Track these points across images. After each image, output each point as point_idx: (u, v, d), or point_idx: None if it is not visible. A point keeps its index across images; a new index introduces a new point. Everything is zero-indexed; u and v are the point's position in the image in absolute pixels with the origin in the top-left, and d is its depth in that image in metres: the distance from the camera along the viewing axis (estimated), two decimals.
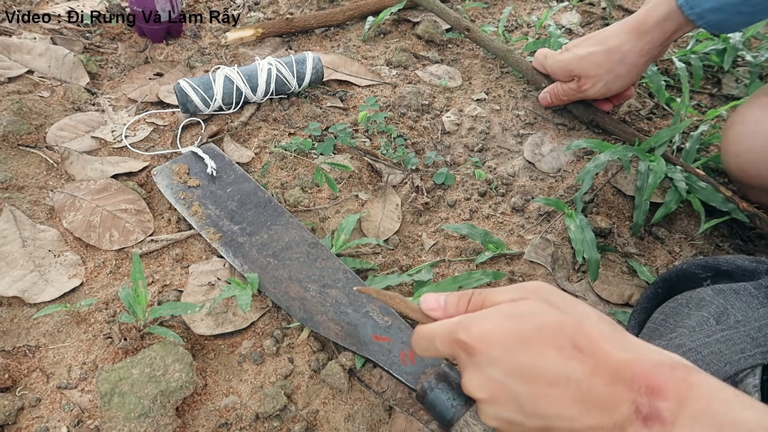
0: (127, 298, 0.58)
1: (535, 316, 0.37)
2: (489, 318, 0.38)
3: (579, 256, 0.67)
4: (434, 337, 0.41)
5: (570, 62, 0.78)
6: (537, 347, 0.35)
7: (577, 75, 0.78)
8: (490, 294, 0.40)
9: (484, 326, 0.37)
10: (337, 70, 0.95)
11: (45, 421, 0.53)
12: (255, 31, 0.98)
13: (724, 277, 0.51)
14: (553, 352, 0.35)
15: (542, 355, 0.35)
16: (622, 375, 0.33)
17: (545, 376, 0.35)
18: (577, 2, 1.20)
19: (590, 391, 0.33)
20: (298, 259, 0.65)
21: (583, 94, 0.79)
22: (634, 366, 0.33)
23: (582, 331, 0.35)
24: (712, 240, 0.74)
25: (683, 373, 0.32)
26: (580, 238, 0.68)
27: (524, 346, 0.35)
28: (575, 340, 0.35)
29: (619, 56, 0.73)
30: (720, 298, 0.46)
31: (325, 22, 1.04)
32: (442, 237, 0.72)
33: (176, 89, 0.81)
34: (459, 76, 0.99)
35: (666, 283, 0.55)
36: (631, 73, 0.75)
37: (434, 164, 0.82)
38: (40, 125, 0.81)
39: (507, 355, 0.36)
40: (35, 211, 0.70)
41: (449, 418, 0.49)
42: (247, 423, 0.54)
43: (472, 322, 0.38)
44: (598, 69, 0.75)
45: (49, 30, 0.98)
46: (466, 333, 0.38)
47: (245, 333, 0.61)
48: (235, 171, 0.75)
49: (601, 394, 0.33)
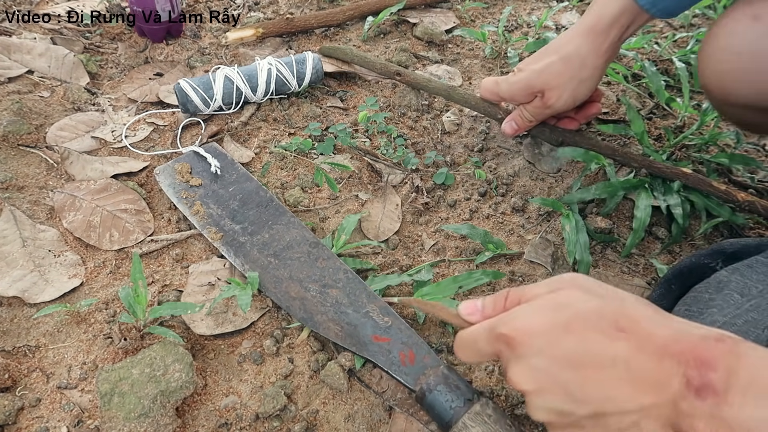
0: (127, 298, 0.58)
1: (575, 303, 0.37)
2: (529, 310, 0.38)
3: (571, 257, 0.67)
4: (476, 338, 0.41)
5: (529, 79, 0.73)
6: (580, 333, 0.35)
7: (539, 90, 0.73)
8: (527, 289, 0.41)
9: (525, 319, 0.38)
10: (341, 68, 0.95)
11: (45, 421, 0.53)
12: (255, 31, 0.98)
13: (732, 260, 0.51)
14: (597, 336, 0.35)
15: (586, 339, 0.35)
16: (668, 350, 0.33)
17: (591, 360, 0.34)
18: (577, 2, 1.20)
19: (639, 369, 0.33)
20: (298, 259, 0.65)
21: (551, 109, 0.74)
22: (680, 341, 0.33)
23: (623, 313, 0.35)
24: (712, 240, 0.74)
25: (729, 343, 0.32)
26: (573, 239, 0.68)
27: (567, 333, 0.35)
28: (618, 322, 0.35)
29: (579, 61, 0.71)
30: (736, 275, 0.47)
31: (325, 22, 1.04)
32: (442, 237, 0.73)
33: (176, 89, 0.81)
34: (459, 76, 0.99)
35: (678, 278, 0.55)
36: (594, 76, 0.72)
37: (434, 164, 0.82)
38: (40, 125, 0.81)
39: (551, 343, 0.36)
40: (35, 211, 0.70)
41: (448, 420, 0.49)
42: (247, 423, 0.54)
43: (513, 316, 0.39)
44: (560, 78, 0.71)
45: (49, 30, 0.98)
46: (507, 327, 0.38)
47: (245, 333, 0.61)
48: (237, 170, 0.75)
49: (650, 371, 0.33)
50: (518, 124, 0.78)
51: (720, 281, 0.48)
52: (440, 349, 0.61)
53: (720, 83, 0.64)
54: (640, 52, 1.05)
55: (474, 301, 0.44)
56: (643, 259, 0.71)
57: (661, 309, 0.37)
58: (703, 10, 1.17)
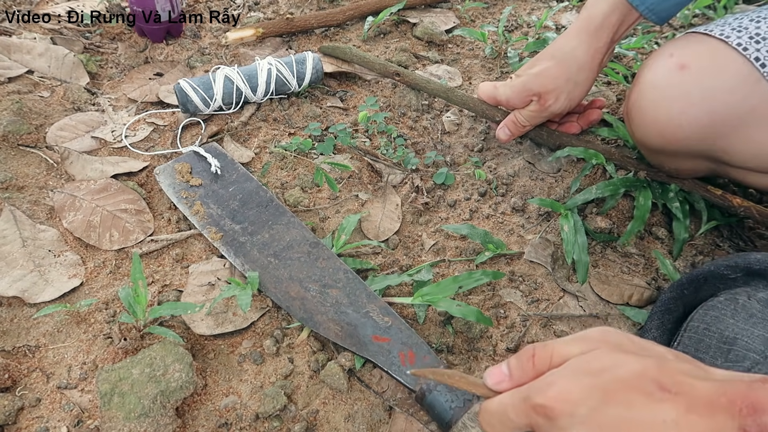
0: (127, 298, 0.58)
1: (612, 366, 0.35)
2: (564, 376, 0.36)
3: (569, 258, 0.67)
4: (506, 409, 0.38)
5: (526, 83, 0.74)
6: (623, 397, 0.33)
7: (536, 93, 0.73)
8: (555, 349, 0.38)
9: (561, 386, 0.35)
10: (341, 67, 0.95)
11: (45, 421, 0.53)
12: (255, 31, 0.98)
13: (757, 277, 0.50)
14: (642, 399, 0.33)
15: (631, 404, 0.33)
16: (718, 404, 0.32)
17: (639, 426, 0.33)
18: (577, 2, 1.20)
19: (690, 428, 0.32)
20: (299, 259, 0.65)
21: (548, 112, 0.75)
22: (728, 392, 0.32)
23: (665, 371, 0.34)
24: (712, 240, 0.74)
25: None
26: (571, 239, 0.68)
27: (610, 399, 0.34)
28: (661, 382, 0.33)
29: (575, 63, 0.71)
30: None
31: (325, 22, 1.04)
32: (442, 237, 0.73)
33: (176, 89, 0.81)
34: (459, 76, 0.99)
35: (692, 284, 0.54)
36: (588, 78, 0.73)
37: (434, 164, 0.82)
38: (40, 125, 0.81)
39: (594, 411, 0.34)
40: (35, 211, 0.70)
41: (447, 420, 0.49)
42: (247, 423, 0.54)
43: (547, 383, 0.36)
44: (556, 81, 0.72)
45: (49, 30, 0.98)
46: (543, 396, 0.35)
47: (245, 333, 0.61)
48: (237, 170, 0.75)
49: (703, 428, 0.32)
50: (512, 130, 0.78)
51: (752, 314, 0.47)
52: (440, 349, 0.61)
53: (642, 132, 0.66)
54: (640, 52, 1.05)
55: (499, 367, 0.41)
56: (643, 259, 0.71)
57: (697, 360, 0.36)
58: (703, 10, 1.17)
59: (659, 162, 0.71)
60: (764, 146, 0.58)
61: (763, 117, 0.57)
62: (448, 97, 0.85)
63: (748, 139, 0.58)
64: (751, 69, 0.57)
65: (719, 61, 0.59)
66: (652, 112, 0.63)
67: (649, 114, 0.63)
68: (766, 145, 0.58)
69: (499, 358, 0.61)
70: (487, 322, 0.59)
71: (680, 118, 0.60)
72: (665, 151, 0.66)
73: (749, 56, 0.57)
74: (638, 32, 1.12)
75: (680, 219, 0.71)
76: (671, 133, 0.61)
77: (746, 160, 0.60)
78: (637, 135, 0.68)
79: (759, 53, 0.57)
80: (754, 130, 0.58)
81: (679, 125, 0.60)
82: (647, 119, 0.64)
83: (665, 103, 0.61)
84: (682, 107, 0.60)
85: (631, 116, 0.67)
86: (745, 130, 0.58)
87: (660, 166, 0.72)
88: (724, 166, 0.65)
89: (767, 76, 0.56)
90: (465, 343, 0.62)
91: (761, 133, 0.57)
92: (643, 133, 0.66)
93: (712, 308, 0.50)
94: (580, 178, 0.76)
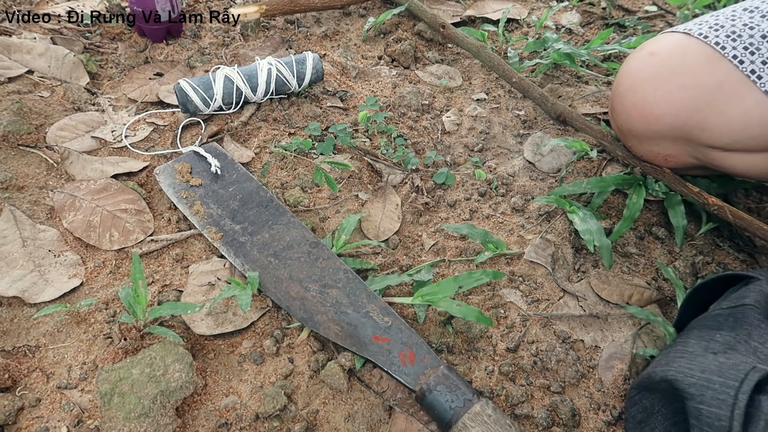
0: (127, 298, 0.58)
1: None
2: None
3: (590, 245, 0.67)
4: None
5: None
6: None
7: None
8: None
9: None
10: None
11: (45, 421, 0.53)
12: (259, 8, 0.97)
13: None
14: None
15: None
16: None
17: None
18: (577, 2, 1.20)
19: None
20: (299, 259, 0.65)
21: None
22: None
23: None
24: (712, 240, 0.74)
25: None
26: (587, 228, 0.69)
27: None
28: None
29: None
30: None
31: (329, 4, 1.03)
32: (442, 237, 0.73)
33: (176, 89, 0.81)
34: (459, 75, 0.99)
35: (711, 285, 0.57)
36: None
37: (434, 164, 0.82)
38: (40, 125, 0.81)
39: None
40: (35, 211, 0.70)
41: (448, 420, 0.49)
42: (247, 423, 0.54)
43: None
44: None
45: (49, 30, 0.98)
46: None
47: (245, 333, 0.61)
48: (237, 170, 0.75)
49: None
50: None
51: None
52: (440, 349, 0.61)
53: (622, 120, 0.70)
54: None
55: None
56: (643, 259, 0.71)
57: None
58: (703, 9, 1.17)
59: (644, 152, 0.73)
60: (737, 120, 0.61)
61: (732, 91, 0.61)
62: (479, 54, 0.93)
63: (721, 113, 0.62)
64: (712, 51, 0.62)
65: (683, 46, 0.65)
66: (631, 96, 0.68)
67: (628, 98, 0.68)
68: (738, 118, 0.61)
69: (499, 358, 0.61)
70: (487, 322, 0.59)
71: (655, 95, 0.65)
72: (648, 135, 0.69)
73: (709, 42, 0.63)
74: (638, 32, 1.12)
75: (678, 218, 0.71)
76: (649, 110, 0.66)
77: (722, 136, 0.63)
78: (622, 123, 0.71)
79: (718, 38, 0.62)
80: (725, 105, 0.61)
81: (655, 102, 0.65)
82: (627, 104, 0.68)
83: (640, 84, 0.67)
84: (655, 85, 0.65)
85: (613, 107, 0.72)
86: (717, 105, 0.62)
87: (647, 158, 0.74)
88: (706, 151, 0.66)
89: (727, 56, 0.61)
90: (465, 343, 0.62)
91: (732, 107, 0.61)
92: (626, 120, 0.70)
93: (742, 313, 0.51)
94: (567, 167, 0.77)
